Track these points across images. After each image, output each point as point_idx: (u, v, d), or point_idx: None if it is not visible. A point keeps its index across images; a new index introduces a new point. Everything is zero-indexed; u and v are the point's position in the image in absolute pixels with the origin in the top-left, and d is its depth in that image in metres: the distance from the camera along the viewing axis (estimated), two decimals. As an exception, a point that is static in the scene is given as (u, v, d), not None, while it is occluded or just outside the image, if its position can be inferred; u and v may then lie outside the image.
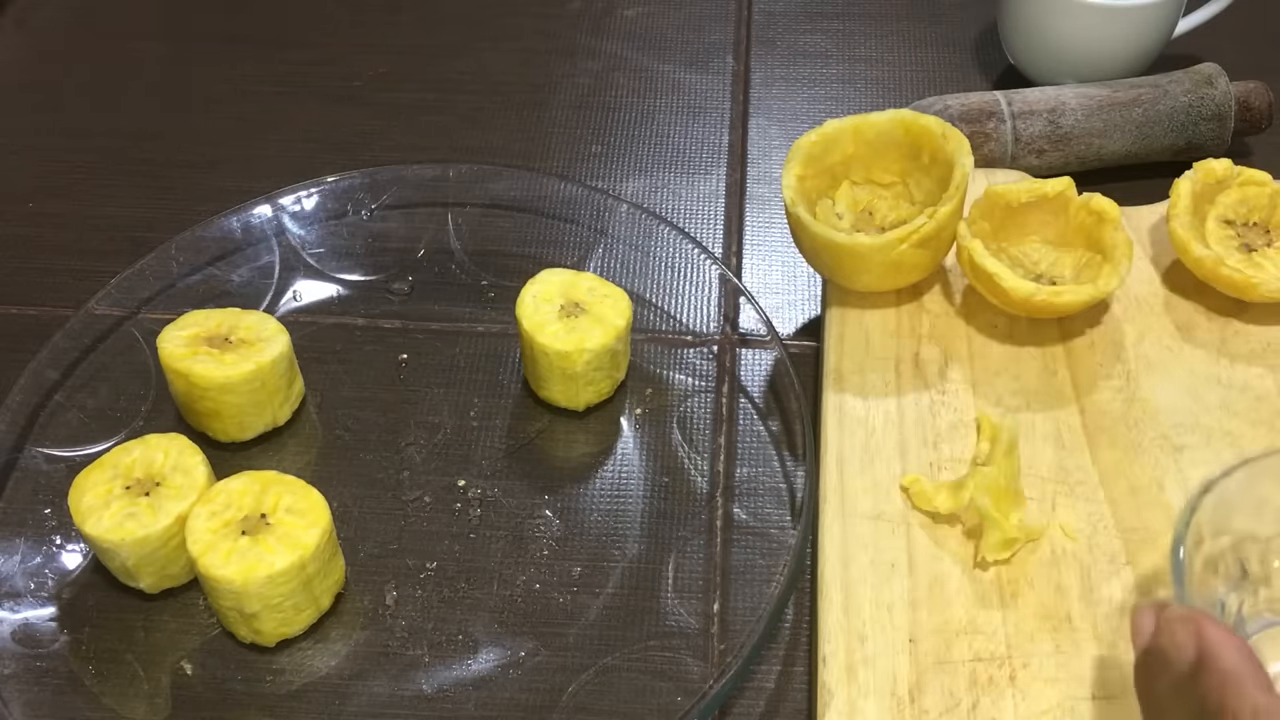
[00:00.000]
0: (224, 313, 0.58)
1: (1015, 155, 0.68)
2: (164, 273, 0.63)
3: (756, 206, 0.71)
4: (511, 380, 0.61)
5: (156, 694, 0.50)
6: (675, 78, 0.79)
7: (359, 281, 0.65)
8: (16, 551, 0.54)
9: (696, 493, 0.57)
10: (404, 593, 0.54)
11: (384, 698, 0.50)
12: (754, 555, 0.55)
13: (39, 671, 0.50)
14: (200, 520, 0.50)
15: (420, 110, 0.76)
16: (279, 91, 0.78)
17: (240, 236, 0.65)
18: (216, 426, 0.57)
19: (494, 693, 0.50)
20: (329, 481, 0.54)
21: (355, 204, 0.68)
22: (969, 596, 0.50)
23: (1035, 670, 0.48)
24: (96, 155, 0.73)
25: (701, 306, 0.64)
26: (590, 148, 0.74)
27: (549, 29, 0.82)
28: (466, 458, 0.58)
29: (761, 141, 0.75)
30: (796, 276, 0.67)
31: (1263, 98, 0.70)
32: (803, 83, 0.79)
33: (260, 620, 0.50)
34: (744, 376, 0.61)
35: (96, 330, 0.61)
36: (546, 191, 0.68)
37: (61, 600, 0.53)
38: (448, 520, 0.56)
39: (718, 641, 0.52)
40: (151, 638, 0.52)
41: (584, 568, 0.54)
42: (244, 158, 0.73)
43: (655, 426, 0.59)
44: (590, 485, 0.57)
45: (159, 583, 0.52)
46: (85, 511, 0.50)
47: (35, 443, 0.57)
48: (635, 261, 0.66)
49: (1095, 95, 0.69)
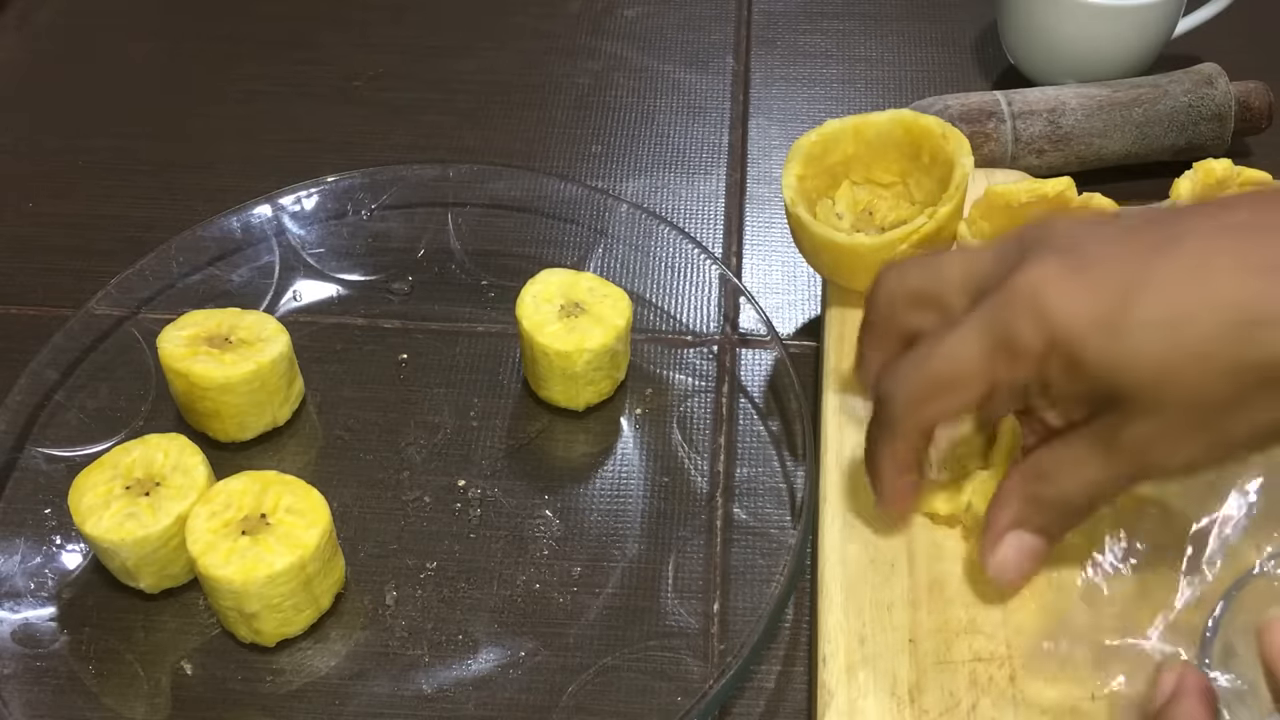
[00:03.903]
0: (224, 313, 0.58)
1: (1015, 155, 0.68)
2: (164, 273, 0.63)
3: (756, 206, 0.71)
4: (511, 380, 0.61)
5: (156, 694, 0.50)
6: (675, 78, 0.79)
7: (359, 281, 0.65)
8: (16, 551, 0.54)
9: (696, 493, 0.57)
10: (404, 593, 0.54)
11: (384, 698, 0.50)
12: (754, 555, 0.55)
13: (39, 671, 0.50)
14: (200, 520, 0.50)
15: (420, 110, 0.76)
16: (279, 91, 0.78)
17: (240, 236, 0.65)
18: (216, 426, 0.57)
19: (494, 693, 0.50)
20: (329, 481, 0.54)
21: (355, 204, 0.68)
22: (969, 596, 0.50)
23: (1035, 670, 0.48)
24: (96, 155, 0.73)
25: (701, 306, 0.64)
26: (590, 148, 0.74)
27: (549, 29, 0.82)
28: (466, 458, 0.58)
29: (761, 141, 0.75)
30: (796, 276, 0.67)
31: (1263, 98, 0.70)
32: (803, 83, 0.79)
33: (260, 620, 0.50)
34: (744, 376, 0.61)
35: (96, 330, 0.61)
36: (546, 191, 0.68)
37: (61, 600, 0.53)
38: (448, 520, 0.56)
39: (718, 641, 0.52)
40: (151, 638, 0.52)
41: (584, 568, 0.54)
42: (244, 158, 0.73)
43: (655, 426, 0.59)
44: (590, 485, 0.57)
45: (159, 583, 0.52)
46: (85, 511, 0.50)
47: (35, 443, 0.57)
48: (635, 261, 0.66)
49: (1095, 95, 0.69)
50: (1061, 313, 0.41)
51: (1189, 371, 0.40)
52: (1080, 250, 0.42)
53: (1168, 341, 0.40)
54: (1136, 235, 0.42)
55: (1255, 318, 0.39)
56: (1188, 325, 0.40)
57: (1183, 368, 0.40)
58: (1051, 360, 0.42)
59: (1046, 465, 0.45)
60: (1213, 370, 0.40)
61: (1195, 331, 0.40)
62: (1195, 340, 0.40)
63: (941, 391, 0.45)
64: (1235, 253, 0.40)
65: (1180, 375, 0.40)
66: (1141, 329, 0.40)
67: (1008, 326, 0.42)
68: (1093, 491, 0.45)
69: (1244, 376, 0.40)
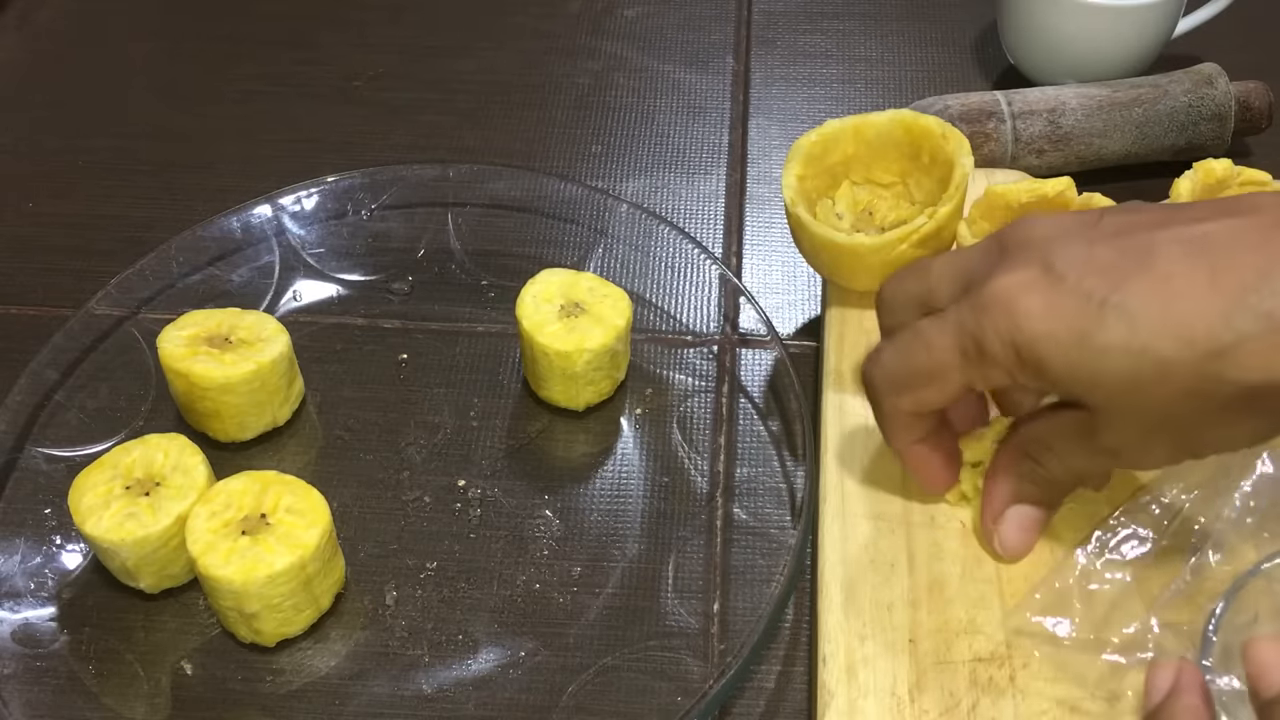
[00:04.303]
0: (224, 313, 0.58)
1: (1015, 155, 0.68)
2: (164, 273, 0.63)
3: (756, 206, 0.71)
4: (511, 380, 0.61)
5: (156, 694, 0.50)
6: (675, 78, 0.79)
7: (359, 281, 0.65)
8: (16, 551, 0.54)
9: (696, 493, 0.57)
10: (404, 593, 0.54)
11: (384, 698, 0.50)
12: (754, 555, 0.55)
13: (39, 671, 0.50)
14: (200, 520, 0.50)
15: (420, 110, 0.76)
16: (279, 91, 0.78)
17: (240, 236, 0.65)
18: (216, 426, 0.57)
19: (494, 693, 0.50)
20: (329, 481, 0.54)
21: (355, 204, 0.68)
22: (969, 596, 0.50)
23: (1035, 670, 0.48)
24: (96, 155, 0.73)
25: (701, 306, 0.64)
26: (590, 148, 0.74)
27: (549, 29, 0.82)
28: (466, 458, 0.58)
29: (761, 141, 0.75)
30: (796, 276, 0.67)
31: (1263, 98, 0.70)
32: (803, 83, 0.79)
33: (260, 620, 0.50)
34: (744, 376, 0.61)
35: (96, 330, 0.61)
36: (546, 191, 0.68)
37: (61, 600, 0.53)
38: (448, 520, 0.56)
39: (718, 641, 0.52)
40: (151, 638, 0.52)
41: (584, 568, 0.54)
42: (244, 158, 0.73)
43: (655, 426, 0.59)
44: (590, 485, 0.57)
45: (159, 583, 0.52)
46: (85, 511, 0.50)
47: (35, 443, 0.57)
48: (635, 261, 0.66)
49: (1095, 95, 0.69)
50: (1029, 327, 0.43)
51: (1151, 392, 0.42)
52: (1054, 261, 0.43)
53: (1130, 363, 0.41)
54: (1111, 246, 0.43)
55: (1217, 348, 0.40)
56: (1149, 350, 0.41)
57: (1145, 388, 0.42)
58: (1020, 368, 0.44)
59: (1033, 447, 0.48)
60: (1175, 391, 0.41)
61: (1156, 356, 0.41)
62: (1156, 365, 0.41)
63: (918, 384, 0.47)
64: (1203, 273, 0.41)
65: (1144, 395, 0.42)
66: (1105, 352, 0.42)
67: (979, 333, 0.44)
68: (1080, 474, 0.48)
69: (1207, 400, 0.41)
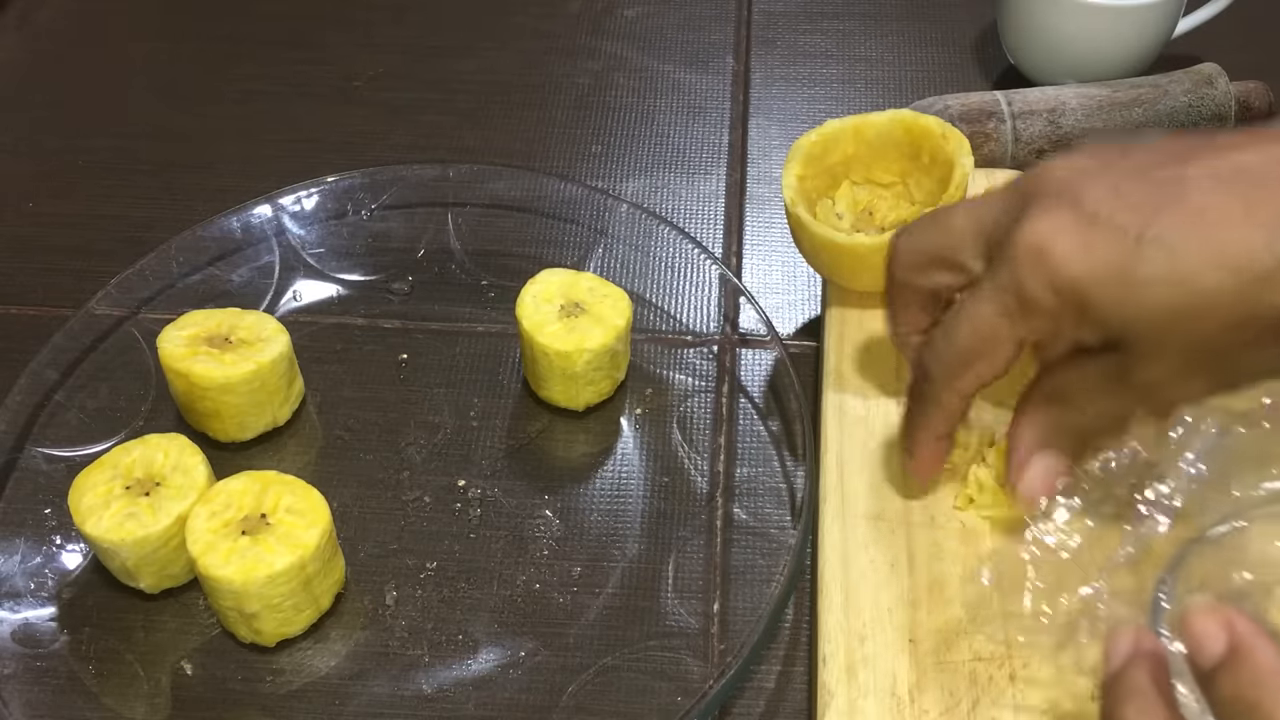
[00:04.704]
0: (224, 313, 0.58)
1: (1015, 155, 0.68)
2: (164, 273, 0.63)
3: (756, 206, 0.71)
4: (511, 380, 0.61)
5: (156, 694, 0.50)
6: (675, 78, 0.79)
7: (359, 281, 0.65)
8: (16, 551, 0.54)
9: (696, 493, 0.57)
10: (404, 593, 0.54)
11: (384, 698, 0.50)
12: (754, 555, 0.55)
13: (39, 671, 0.50)
14: (200, 520, 0.50)
15: (420, 110, 0.76)
16: (279, 91, 0.78)
17: (240, 236, 0.65)
18: (216, 426, 0.57)
19: (494, 693, 0.50)
20: (329, 481, 0.54)
21: (355, 204, 0.68)
22: (969, 596, 0.50)
23: (1035, 670, 0.48)
24: (96, 155, 0.73)
25: (701, 306, 0.64)
26: (590, 148, 0.74)
27: (549, 29, 0.82)
28: (466, 458, 0.58)
29: (761, 141, 0.75)
30: (796, 276, 0.67)
31: (1263, 98, 0.70)
32: (803, 83, 0.79)
33: (260, 620, 0.50)
34: (744, 376, 0.61)
35: (96, 330, 0.61)
36: (546, 191, 0.68)
37: (61, 600, 0.53)
38: (448, 520, 0.56)
39: (718, 641, 0.52)
40: (151, 638, 0.52)
41: (584, 568, 0.54)
42: (244, 158, 0.73)
43: (655, 426, 0.59)
44: (590, 485, 0.57)
45: (159, 583, 0.52)
46: (85, 511, 0.50)
47: (35, 443, 0.57)
48: (635, 261, 0.66)
49: (1095, 95, 0.69)
50: (1067, 270, 0.42)
51: (1195, 323, 0.42)
52: (1083, 201, 0.43)
53: (1173, 295, 0.41)
54: (1139, 182, 0.43)
55: (1258, 274, 0.40)
56: (1192, 281, 0.41)
57: (1188, 320, 0.42)
58: (1065, 312, 0.43)
59: (1063, 392, 0.47)
60: (1218, 322, 0.41)
61: (1200, 286, 0.41)
62: (1200, 295, 0.41)
63: (975, 360, 0.46)
64: (1238, 204, 0.41)
65: (1186, 326, 0.42)
66: (1148, 285, 0.41)
67: (1020, 286, 0.44)
68: (1109, 419, 0.47)
69: (1248, 328, 0.41)
